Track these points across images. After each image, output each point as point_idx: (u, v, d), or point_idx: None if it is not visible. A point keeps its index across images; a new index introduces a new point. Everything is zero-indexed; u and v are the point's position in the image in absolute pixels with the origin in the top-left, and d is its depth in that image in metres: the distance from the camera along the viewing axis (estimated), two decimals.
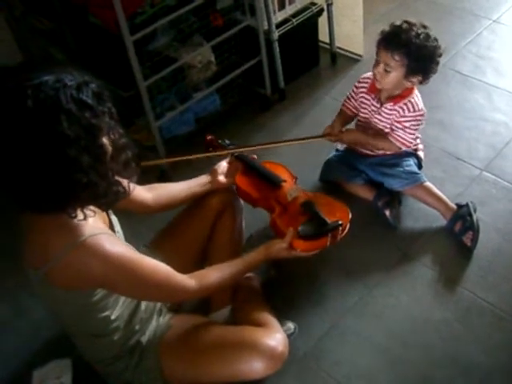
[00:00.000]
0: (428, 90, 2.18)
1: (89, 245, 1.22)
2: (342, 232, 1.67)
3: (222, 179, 1.78)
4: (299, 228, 1.62)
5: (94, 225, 1.28)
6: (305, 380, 1.72)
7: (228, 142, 1.98)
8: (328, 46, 2.99)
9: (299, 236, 1.61)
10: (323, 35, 2.94)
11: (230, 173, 1.81)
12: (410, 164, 2.11)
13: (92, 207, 1.27)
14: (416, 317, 1.84)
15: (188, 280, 1.43)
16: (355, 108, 2.17)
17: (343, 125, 2.16)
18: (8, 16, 2.78)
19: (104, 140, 1.18)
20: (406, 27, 1.87)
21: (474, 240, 1.98)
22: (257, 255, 1.60)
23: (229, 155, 1.89)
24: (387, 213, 2.10)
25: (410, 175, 2.08)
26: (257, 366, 1.52)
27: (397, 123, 2.02)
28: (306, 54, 2.92)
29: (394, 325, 1.83)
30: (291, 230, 1.61)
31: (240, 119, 2.70)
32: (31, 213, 1.22)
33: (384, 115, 2.05)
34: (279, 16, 2.63)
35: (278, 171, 1.91)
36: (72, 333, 1.52)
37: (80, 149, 1.11)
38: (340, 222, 1.64)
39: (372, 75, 2.00)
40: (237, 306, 1.77)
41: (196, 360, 1.55)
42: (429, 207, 2.10)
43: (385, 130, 2.07)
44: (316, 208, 1.70)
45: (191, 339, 1.57)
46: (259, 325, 1.62)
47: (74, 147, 1.10)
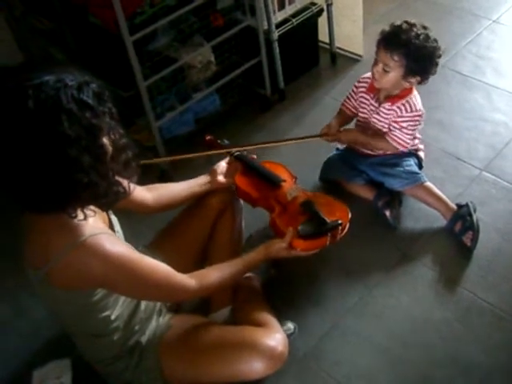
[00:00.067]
0: (428, 90, 2.18)
1: (89, 245, 1.22)
2: (342, 231, 1.67)
3: (222, 179, 1.78)
4: (299, 227, 1.63)
5: (94, 225, 1.28)
6: (305, 380, 1.72)
7: (227, 142, 1.99)
8: (328, 46, 2.99)
9: (299, 235, 1.61)
10: (323, 35, 2.94)
11: (230, 173, 1.81)
12: (411, 164, 2.11)
13: (92, 207, 1.27)
14: (416, 317, 1.85)
15: (188, 280, 1.43)
16: (354, 108, 2.17)
17: (341, 125, 2.16)
18: (8, 16, 2.77)
19: (104, 140, 1.18)
20: (406, 27, 1.87)
21: (474, 240, 1.98)
22: (256, 255, 1.60)
23: (228, 155, 1.89)
24: (387, 213, 2.10)
25: (411, 175, 2.08)
26: (257, 366, 1.52)
27: (394, 123, 2.02)
28: (306, 54, 2.92)
29: (394, 325, 1.83)
30: (291, 230, 1.61)
31: (240, 119, 2.70)
32: (31, 213, 1.22)
33: (382, 115, 2.05)
34: (279, 16, 2.63)
35: (278, 171, 1.91)
36: (72, 333, 1.52)
37: (81, 149, 1.11)
38: (340, 222, 1.65)
39: (371, 77, 2.00)
40: (237, 306, 1.77)
41: (196, 360, 1.55)
42: (429, 207, 2.10)
43: (383, 130, 2.07)
44: (316, 207, 1.71)
45: (191, 339, 1.57)
46: (259, 325, 1.62)
47: (75, 147, 1.10)
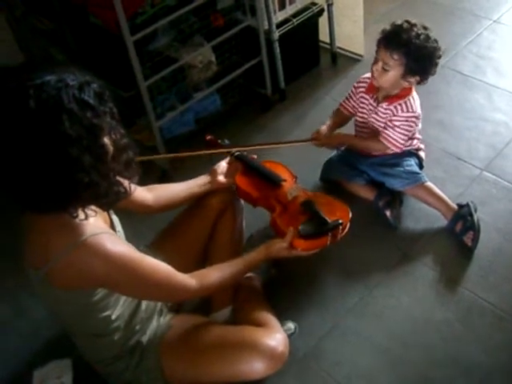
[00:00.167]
0: (428, 90, 2.18)
1: (90, 244, 1.22)
2: (343, 231, 1.67)
3: (222, 179, 1.78)
4: (299, 227, 1.63)
5: (96, 224, 1.28)
6: (305, 380, 1.72)
7: (228, 142, 1.98)
8: (328, 46, 2.99)
9: (299, 235, 1.61)
10: (324, 35, 2.94)
11: (230, 173, 1.81)
12: (411, 164, 2.11)
13: (93, 207, 1.27)
14: (417, 317, 1.84)
15: (189, 279, 1.43)
16: (353, 108, 2.16)
17: (333, 129, 2.15)
18: (9, 16, 2.77)
19: (105, 140, 1.18)
20: (407, 27, 1.87)
21: (475, 240, 1.98)
22: (257, 255, 1.60)
23: (228, 155, 1.89)
24: (388, 213, 2.10)
25: (411, 175, 2.08)
26: (257, 366, 1.52)
27: (389, 122, 2.02)
28: (307, 54, 2.92)
29: (395, 325, 1.83)
30: (291, 230, 1.61)
31: (240, 119, 2.70)
32: (32, 213, 1.22)
33: (380, 114, 2.05)
34: (280, 16, 2.63)
35: (278, 170, 1.91)
36: (72, 332, 1.52)
37: (82, 149, 1.11)
38: (340, 221, 1.65)
39: (370, 76, 2.00)
40: (237, 306, 1.77)
41: (196, 360, 1.55)
42: (430, 207, 2.10)
43: (379, 130, 2.07)
44: (316, 207, 1.71)
45: (192, 339, 1.57)
46: (259, 325, 1.62)
47: (76, 147, 1.10)
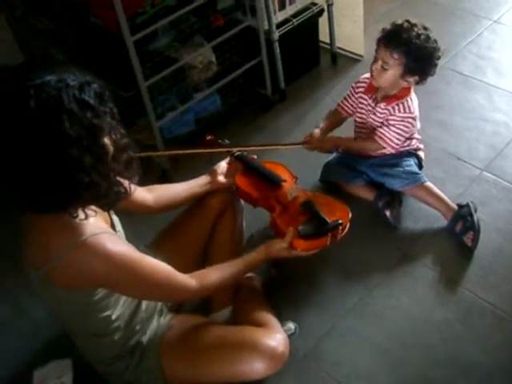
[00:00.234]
0: (428, 90, 2.18)
1: (90, 244, 1.22)
2: (342, 231, 1.67)
3: (222, 179, 1.78)
4: (299, 227, 1.63)
5: (96, 224, 1.28)
6: (305, 380, 1.72)
7: (228, 142, 1.98)
8: (328, 47, 2.99)
9: (299, 235, 1.61)
10: (324, 35, 2.94)
11: (230, 173, 1.81)
12: (411, 164, 2.11)
13: (93, 207, 1.27)
14: (416, 317, 1.84)
15: (189, 280, 1.43)
16: (351, 109, 2.16)
17: (328, 131, 2.15)
18: (9, 16, 2.77)
19: (106, 140, 1.18)
20: (407, 26, 1.87)
21: (475, 240, 1.98)
22: (257, 255, 1.60)
23: (228, 155, 1.89)
24: (388, 213, 2.10)
25: (411, 175, 2.08)
26: (257, 367, 1.52)
27: (385, 121, 2.03)
28: (307, 55, 2.92)
29: (395, 325, 1.83)
30: (291, 230, 1.61)
31: (241, 119, 2.70)
32: (32, 213, 1.22)
33: (378, 114, 2.05)
34: (280, 16, 2.63)
35: (278, 171, 1.91)
36: (72, 332, 1.52)
37: (82, 149, 1.11)
38: (340, 222, 1.65)
39: (370, 75, 2.00)
40: (237, 306, 1.77)
41: (196, 360, 1.55)
42: (429, 207, 2.10)
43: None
44: (316, 207, 1.71)
45: (192, 339, 1.57)
46: (260, 325, 1.62)
47: (76, 147, 1.10)
